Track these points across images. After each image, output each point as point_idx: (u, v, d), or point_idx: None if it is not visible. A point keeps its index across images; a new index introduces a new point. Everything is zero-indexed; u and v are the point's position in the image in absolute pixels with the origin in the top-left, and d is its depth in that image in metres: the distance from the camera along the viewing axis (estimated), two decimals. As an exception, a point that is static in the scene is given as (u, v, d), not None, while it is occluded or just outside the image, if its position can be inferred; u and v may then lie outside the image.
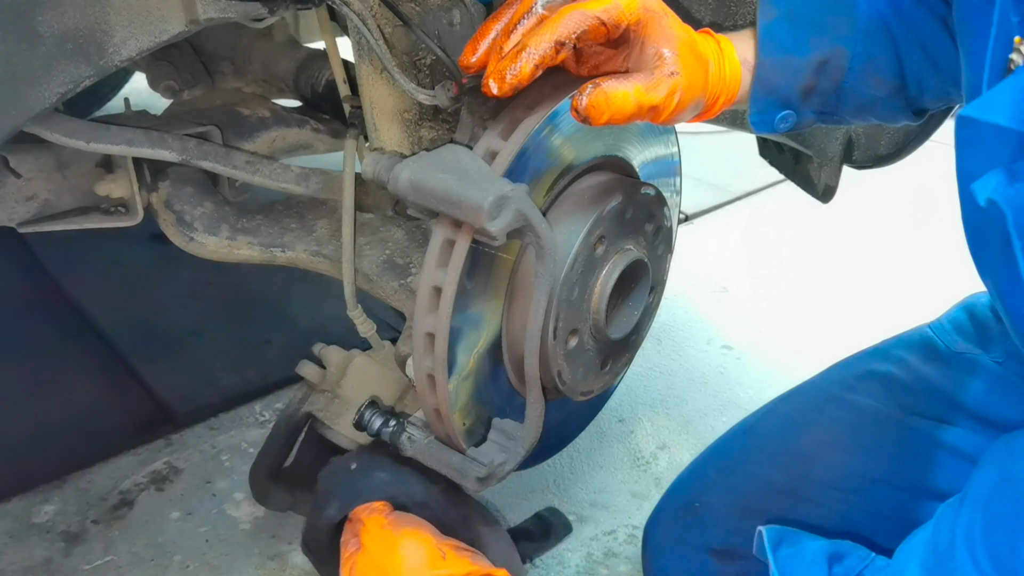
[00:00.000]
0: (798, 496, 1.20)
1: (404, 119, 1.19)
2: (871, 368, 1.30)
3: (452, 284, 0.92)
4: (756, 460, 1.26)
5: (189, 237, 1.33)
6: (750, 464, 1.27)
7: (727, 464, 1.30)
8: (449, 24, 1.12)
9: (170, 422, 1.99)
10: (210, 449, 1.92)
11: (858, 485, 1.17)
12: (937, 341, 1.28)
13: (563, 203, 1.04)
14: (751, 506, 1.22)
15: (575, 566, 1.72)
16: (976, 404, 1.19)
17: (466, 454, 1.04)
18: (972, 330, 1.26)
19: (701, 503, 1.28)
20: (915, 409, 1.22)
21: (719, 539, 1.23)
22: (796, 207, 3.08)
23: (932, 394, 1.22)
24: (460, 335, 0.97)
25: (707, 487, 1.30)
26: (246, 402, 2.06)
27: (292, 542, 1.71)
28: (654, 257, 1.16)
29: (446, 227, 0.94)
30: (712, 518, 1.26)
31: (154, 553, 1.66)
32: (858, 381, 1.28)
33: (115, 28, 0.96)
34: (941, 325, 1.31)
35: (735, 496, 1.25)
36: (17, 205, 1.20)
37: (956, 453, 1.18)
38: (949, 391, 1.22)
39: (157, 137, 1.18)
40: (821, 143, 1.56)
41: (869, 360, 1.32)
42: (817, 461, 1.21)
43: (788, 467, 1.22)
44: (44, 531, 1.68)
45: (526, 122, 0.95)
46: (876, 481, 1.17)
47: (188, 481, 1.83)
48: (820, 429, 1.26)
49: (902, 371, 1.27)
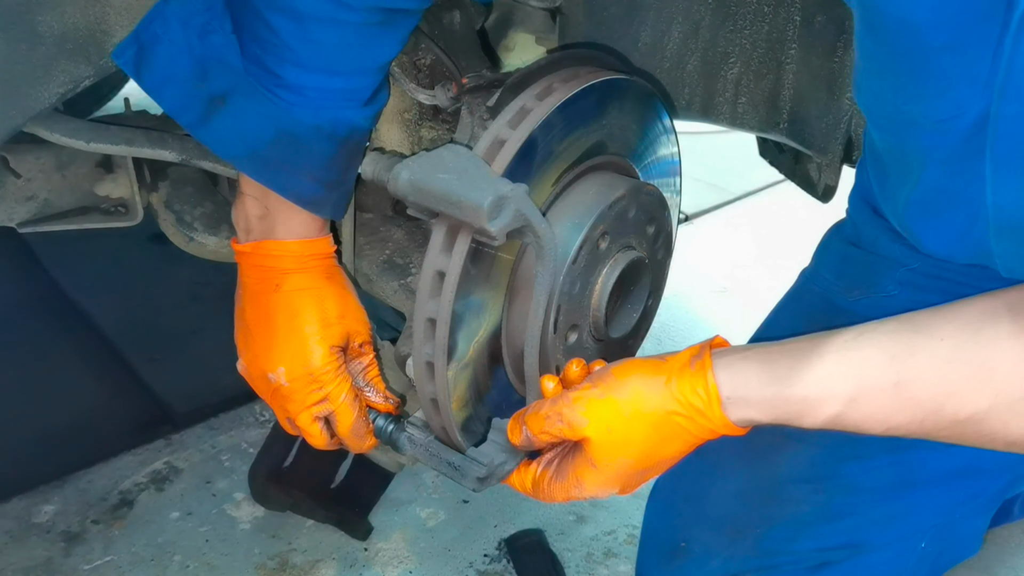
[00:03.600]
0: (776, 499, 1.16)
1: (404, 119, 1.19)
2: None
3: (456, 267, 0.92)
4: (720, 476, 1.20)
5: (189, 237, 1.33)
6: (716, 482, 1.21)
7: (693, 491, 1.23)
8: (449, 24, 1.12)
9: (170, 422, 1.99)
10: (210, 449, 1.93)
11: (826, 470, 1.15)
12: (832, 296, 1.24)
13: (568, 197, 1.04)
14: (737, 526, 1.17)
15: (575, 566, 1.72)
16: None
17: (466, 454, 1.04)
18: (856, 272, 1.23)
19: (686, 541, 1.22)
20: None
21: (720, 570, 1.18)
22: (796, 207, 3.08)
23: None
24: (461, 321, 0.97)
25: (684, 523, 1.24)
26: (246, 402, 2.06)
27: (292, 542, 1.71)
28: (654, 259, 1.16)
29: (446, 227, 0.94)
30: (705, 553, 1.20)
31: (154, 553, 1.66)
32: None
33: (115, 28, 0.96)
34: (825, 279, 1.27)
35: (716, 521, 1.20)
36: (17, 205, 1.20)
37: None
38: None
39: (157, 137, 1.17)
40: (821, 143, 1.56)
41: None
42: (777, 459, 1.17)
43: (753, 474, 1.18)
44: (44, 531, 1.69)
45: (534, 112, 0.95)
46: (842, 460, 1.14)
47: (188, 481, 1.83)
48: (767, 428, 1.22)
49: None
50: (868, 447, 1.08)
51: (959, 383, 0.80)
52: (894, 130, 0.94)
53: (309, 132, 0.97)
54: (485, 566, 1.71)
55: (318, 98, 0.96)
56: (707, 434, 0.89)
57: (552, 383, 0.96)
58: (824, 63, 1.38)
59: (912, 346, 0.83)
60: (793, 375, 0.85)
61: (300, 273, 1.05)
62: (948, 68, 0.77)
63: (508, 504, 1.84)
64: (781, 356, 0.87)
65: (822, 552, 1.13)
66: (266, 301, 1.05)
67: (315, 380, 1.04)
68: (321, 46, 0.93)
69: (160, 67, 0.95)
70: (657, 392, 0.88)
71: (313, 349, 1.03)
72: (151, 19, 0.95)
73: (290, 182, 1.00)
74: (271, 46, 0.92)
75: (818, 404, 0.85)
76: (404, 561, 1.70)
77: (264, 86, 0.94)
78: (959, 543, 1.19)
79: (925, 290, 1.12)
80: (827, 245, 1.33)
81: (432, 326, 0.96)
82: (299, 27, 0.90)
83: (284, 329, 1.04)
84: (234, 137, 0.97)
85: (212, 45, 0.94)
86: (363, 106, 1.01)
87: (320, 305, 1.05)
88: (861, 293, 1.20)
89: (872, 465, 1.11)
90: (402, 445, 1.09)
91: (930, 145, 0.88)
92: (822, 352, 0.85)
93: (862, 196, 1.26)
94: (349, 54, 0.96)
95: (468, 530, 1.78)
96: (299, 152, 0.98)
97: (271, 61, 0.93)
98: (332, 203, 1.05)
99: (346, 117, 0.99)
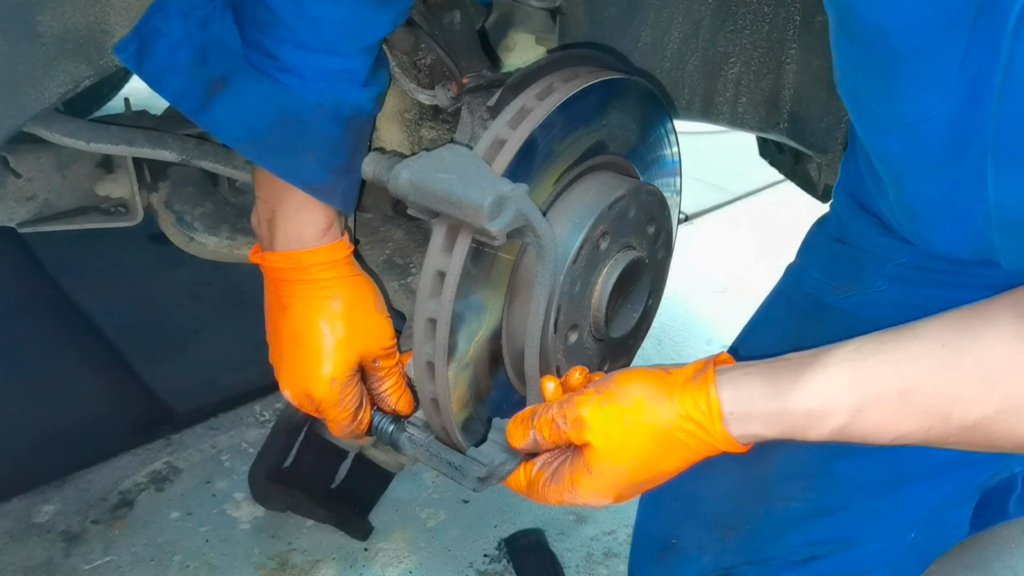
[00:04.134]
0: (767, 496, 1.16)
1: (404, 119, 1.19)
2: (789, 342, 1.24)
3: (456, 267, 0.92)
4: (711, 475, 1.17)
5: (189, 237, 1.33)
6: (708, 481, 1.18)
7: (685, 490, 1.21)
8: (449, 24, 1.12)
9: (170, 422, 1.99)
10: (210, 449, 1.93)
11: (817, 467, 1.14)
12: (822, 295, 1.23)
13: (568, 197, 1.04)
14: (728, 523, 1.18)
15: (575, 566, 1.72)
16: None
17: (466, 454, 1.04)
18: (844, 268, 1.21)
19: (678, 538, 1.22)
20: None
21: (711, 566, 1.18)
22: (796, 207, 3.08)
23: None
24: (462, 321, 0.97)
25: (675, 521, 1.24)
26: (246, 402, 2.06)
27: (292, 542, 1.71)
28: (654, 259, 1.16)
29: (446, 227, 0.94)
30: (696, 550, 1.20)
31: (154, 553, 1.66)
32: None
33: (115, 28, 0.96)
34: (813, 277, 1.25)
35: (708, 519, 1.20)
36: (17, 205, 1.20)
37: None
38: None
39: (157, 137, 1.17)
40: (821, 143, 1.56)
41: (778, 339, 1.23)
42: (769, 457, 1.16)
43: (744, 472, 1.17)
44: (44, 531, 1.69)
45: (535, 112, 0.95)
46: (833, 458, 1.14)
47: (188, 481, 1.83)
48: None
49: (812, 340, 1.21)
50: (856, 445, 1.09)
51: (965, 388, 0.80)
52: (871, 130, 0.94)
53: (312, 111, 0.97)
54: (485, 566, 1.71)
55: (318, 79, 0.96)
56: (708, 450, 0.89)
57: (553, 383, 0.96)
58: (824, 63, 1.38)
59: (915, 353, 0.82)
60: (797, 388, 0.84)
61: (306, 293, 1.03)
62: (917, 72, 0.78)
63: (508, 504, 1.84)
64: (784, 370, 0.87)
65: (811, 546, 1.13)
66: (275, 321, 1.05)
67: (315, 407, 1.05)
68: (319, 23, 0.93)
69: (160, 57, 0.95)
70: (660, 404, 0.87)
71: (313, 381, 1.03)
72: (152, 13, 0.95)
73: (295, 166, 0.98)
74: (269, 27, 0.92)
75: (824, 416, 0.84)
76: (404, 561, 1.70)
77: (264, 71, 0.95)
78: (948, 531, 1.20)
79: (917, 283, 1.12)
80: (812, 242, 1.32)
81: (432, 326, 0.96)
82: (297, 4, 0.91)
83: (289, 354, 1.04)
84: (235, 120, 0.96)
85: (212, 32, 0.94)
86: (363, 86, 1.01)
87: (324, 334, 1.02)
88: (850, 290, 1.19)
89: (863, 462, 1.11)
90: (402, 445, 1.09)
91: (905, 149, 0.88)
92: (825, 364, 0.85)
93: (848, 191, 1.26)
94: (346, 31, 0.96)
95: (468, 530, 1.78)
96: (303, 133, 0.98)
97: (270, 43, 0.93)
98: (341, 192, 1.03)
99: (348, 96, 0.99)
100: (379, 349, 1.07)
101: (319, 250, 1.03)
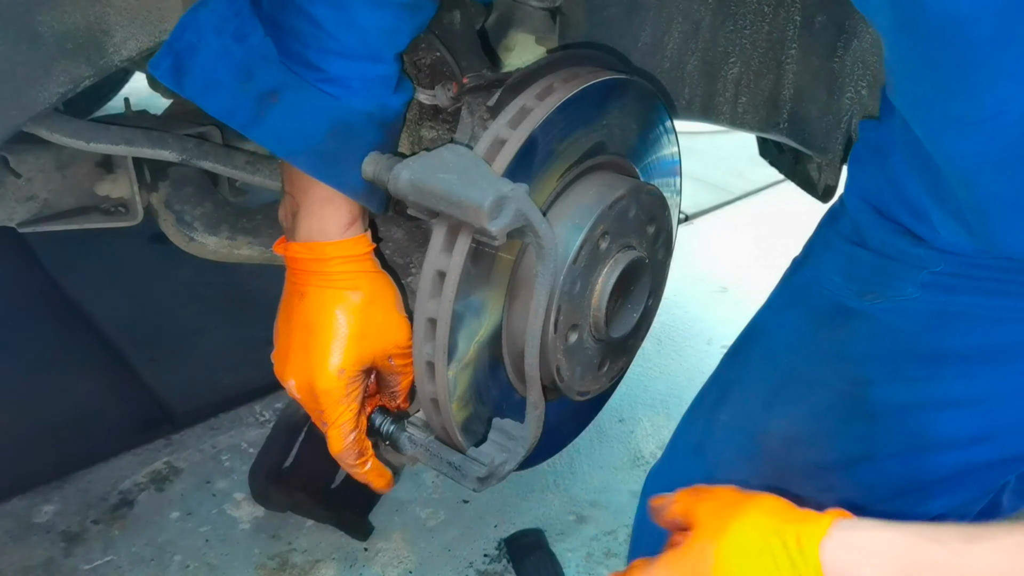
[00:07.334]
0: (780, 494, 1.16)
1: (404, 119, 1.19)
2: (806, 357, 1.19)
3: (456, 268, 0.92)
4: (722, 475, 1.16)
5: (189, 237, 1.33)
6: (717, 481, 1.16)
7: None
8: (449, 24, 1.12)
9: (170, 422, 1.99)
10: (210, 449, 1.93)
11: (836, 470, 1.12)
12: (843, 299, 1.18)
13: (568, 197, 1.04)
14: None
15: (575, 566, 1.72)
16: (924, 347, 1.11)
17: (466, 454, 1.05)
18: (867, 275, 1.17)
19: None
20: (865, 377, 1.13)
21: None
22: (796, 207, 3.09)
23: (878, 356, 1.13)
24: (462, 321, 0.97)
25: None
26: (246, 402, 2.07)
27: (292, 542, 1.71)
28: (654, 259, 1.16)
29: (446, 227, 0.94)
30: None
31: (154, 553, 1.66)
32: (788, 380, 1.19)
33: (115, 28, 0.96)
34: (832, 281, 1.20)
35: None
36: (17, 205, 1.19)
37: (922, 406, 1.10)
38: (890, 345, 1.12)
39: (157, 137, 1.17)
40: (821, 143, 1.56)
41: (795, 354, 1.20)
42: (785, 460, 1.14)
43: (756, 471, 1.15)
44: (44, 531, 1.69)
45: (535, 112, 0.95)
46: (852, 462, 1.11)
47: (188, 481, 1.84)
48: (783, 424, 1.17)
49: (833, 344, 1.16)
50: (879, 448, 1.07)
51: None
52: (937, 131, 0.92)
53: (363, 120, 0.98)
54: (485, 566, 1.71)
55: (363, 88, 0.97)
56: None
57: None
58: (824, 63, 1.39)
59: None
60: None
61: (326, 283, 1.02)
62: (992, 63, 0.76)
63: (508, 504, 1.84)
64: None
65: None
66: (290, 308, 1.04)
67: (317, 400, 1.04)
68: (365, 31, 0.94)
69: (201, 73, 0.95)
70: None
71: (320, 372, 1.01)
72: (183, 28, 0.95)
73: (346, 175, 0.99)
74: (313, 39, 0.93)
75: None
76: (404, 561, 1.70)
77: (308, 82, 0.95)
78: None
79: (954, 291, 1.09)
80: (826, 242, 1.29)
81: (433, 326, 0.96)
82: (343, 14, 0.92)
83: (298, 343, 1.03)
84: (290, 133, 0.96)
85: (251, 47, 0.94)
86: (394, 93, 1.02)
87: (339, 324, 1.01)
88: (876, 296, 1.16)
89: (883, 466, 1.10)
90: (402, 445, 1.09)
91: (977, 148, 0.86)
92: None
93: (861, 196, 1.24)
94: (388, 39, 0.97)
95: (468, 530, 1.78)
96: (354, 142, 0.98)
97: (313, 55, 0.93)
98: (379, 194, 1.03)
99: (390, 103, 1.01)
100: (395, 348, 1.05)
101: (342, 243, 1.02)
